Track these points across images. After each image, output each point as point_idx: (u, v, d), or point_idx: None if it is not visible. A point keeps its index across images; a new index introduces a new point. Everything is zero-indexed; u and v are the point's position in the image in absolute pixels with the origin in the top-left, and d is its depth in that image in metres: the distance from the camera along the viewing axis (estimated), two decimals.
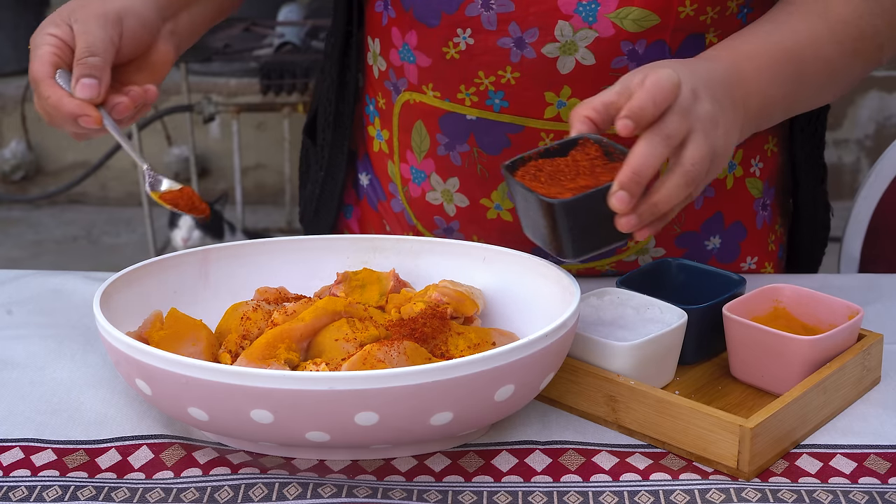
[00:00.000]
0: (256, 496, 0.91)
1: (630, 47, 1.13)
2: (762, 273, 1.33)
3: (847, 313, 1.04)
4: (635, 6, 1.11)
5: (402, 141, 1.28)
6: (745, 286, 1.10)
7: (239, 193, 3.84)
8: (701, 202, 1.25)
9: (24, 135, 4.56)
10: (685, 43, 1.14)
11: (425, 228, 1.31)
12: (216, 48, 3.58)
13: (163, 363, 0.90)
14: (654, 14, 1.11)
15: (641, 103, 0.92)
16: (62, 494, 0.92)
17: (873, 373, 1.06)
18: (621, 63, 1.13)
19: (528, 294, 1.08)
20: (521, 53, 1.14)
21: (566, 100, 1.16)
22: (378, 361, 0.93)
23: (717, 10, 1.13)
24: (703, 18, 1.13)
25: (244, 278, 1.13)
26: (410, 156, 1.27)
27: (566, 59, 1.14)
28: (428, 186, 1.27)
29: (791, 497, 0.90)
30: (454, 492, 0.92)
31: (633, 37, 1.12)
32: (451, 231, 1.29)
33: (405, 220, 1.32)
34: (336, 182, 1.38)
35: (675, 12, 1.11)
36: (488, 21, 1.14)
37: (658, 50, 1.13)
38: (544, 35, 1.13)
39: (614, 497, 0.91)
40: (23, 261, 4.03)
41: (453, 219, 1.28)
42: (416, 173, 1.28)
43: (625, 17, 1.11)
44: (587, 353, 1.01)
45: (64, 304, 1.24)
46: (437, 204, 1.28)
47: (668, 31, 1.13)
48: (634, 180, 0.90)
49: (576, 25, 1.12)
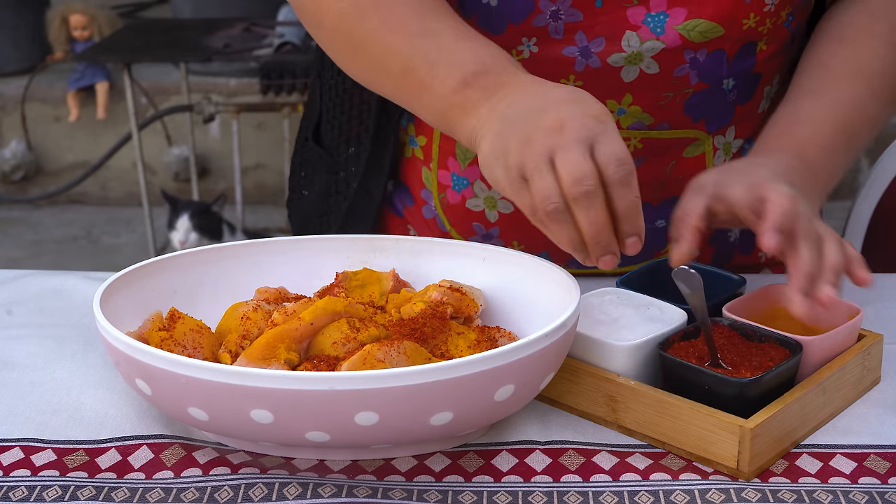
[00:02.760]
0: (256, 496, 0.91)
1: (692, 55, 1.14)
2: (776, 262, 1.34)
3: (847, 313, 1.04)
4: (703, 18, 1.12)
5: (443, 148, 1.26)
6: (745, 286, 1.10)
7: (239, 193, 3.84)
8: None
9: (24, 135, 4.56)
10: (741, 51, 1.16)
11: (460, 235, 1.30)
12: (216, 48, 3.58)
13: (163, 363, 0.90)
14: (720, 26, 1.13)
15: (783, 218, 0.97)
16: (62, 494, 0.92)
17: (873, 373, 1.06)
18: (683, 71, 1.15)
19: (528, 294, 1.08)
20: (585, 63, 1.14)
21: (627, 107, 1.17)
22: (378, 361, 0.93)
23: (773, 20, 1.15)
24: (762, 29, 1.15)
25: (244, 278, 1.13)
26: (453, 163, 1.26)
27: (630, 68, 1.14)
28: (470, 193, 1.27)
29: (791, 497, 0.90)
30: (454, 492, 0.92)
31: (695, 46, 1.14)
32: (489, 237, 1.28)
33: (437, 226, 1.31)
34: (372, 197, 1.34)
35: (739, 24, 1.13)
36: (555, 30, 1.14)
37: (717, 58, 1.15)
38: (611, 45, 1.13)
39: (614, 497, 0.91)
40: (23, 261, 4.03)
41: (494, 225, 1.27)
42: (458, 180, 1.27)
43: (692, 28, 1.12)
44: (587, 353, 1.01)
45: (64, 304, 1.24)
46: (478, 211, 1.27)
47: (729, 41, 1.14)
48: (812, 282, 0.96)
49: (643, 36, 1.13)
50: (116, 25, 4.30)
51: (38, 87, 4.51)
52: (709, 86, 1.17)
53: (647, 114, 1.17)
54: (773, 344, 1.00)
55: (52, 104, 4.55)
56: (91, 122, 4.47)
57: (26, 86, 4.46)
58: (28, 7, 4.67)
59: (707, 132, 1.21)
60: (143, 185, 3.69)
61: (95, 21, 4.26)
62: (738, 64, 1.17)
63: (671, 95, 1.16)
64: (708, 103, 1.18)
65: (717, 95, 1.18)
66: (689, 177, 1.22)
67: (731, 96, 1.19)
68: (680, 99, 1.17)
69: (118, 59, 3.68)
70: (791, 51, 1.23)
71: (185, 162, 4.41)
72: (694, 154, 1.22)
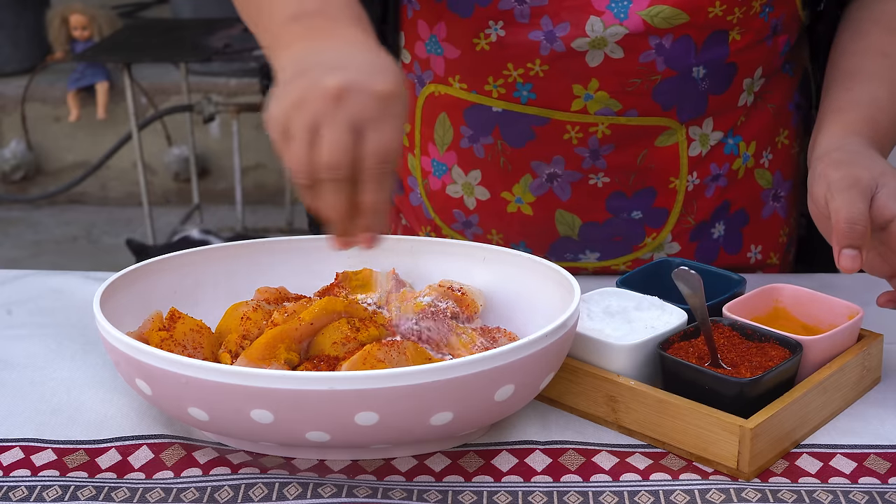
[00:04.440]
0: (256, 496, 0.91)
1: (658, 41, 1.15)
2: (768, 264, 1.34)
3: (847, 313, 1.04)
4: (667, 5, 1.12)
5: (424, 134, 1.28)
6: (745, 286, 1.10)
7: (239, 193, 3.84)
8: (712, 191, 1.27)
9: (24, 135, 4.56)
10: (710, 39, 1.16)
11: (444, 223, 1.31)
12: (216, 48, 3.58)
13: (163, 363, 0.90)
14: (684, 13, 1.13)
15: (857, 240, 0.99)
16: (62, 494, 0.92)
17: (873, 373, 1.06)
18: (649, 57, 1.15)
19: (528, 294, 1.08)
20: (550, 47, 1.15)
21: (594, 92, 1.17)
22: (378, 361, 0.93)
23: (744, 9, 1.15)
24: (731, 18, 1.15)
25: (244, 278, 1.13)
26: (432, 148, 1.28)
27: (595, 52, 1.15)
28: (449, 179, 1.28)
29: (791, 497, 0.90)
30: (454, 492, 0.92)
31: (660, 32, 1.14)
32: (469, 225, 1.29)
33: (423, 213, 1.33)
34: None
35: (705, 12, 1.13)
36: (521, 14, 1.15)
37: (684, 45, 1.15)
38: (575, 29, 1.14)
39: (614, 497, 0.91)
40: (23, 261, 4.03)
41: (473, 212, 1.28)
42: (438, 166, 1.28)
43: (655, 14, 1.13)
44: (587, 353, 1.01)
45: (64, 304, 1.24)
46: (457, 197, 1.28)
47: (695, 28, 1.15)
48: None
49: (607, 21, 1.13)
50: (116, 25, 4.30)
51: (38, 87, 4.51)
52: (677, 73, 1.17)
53: (614, 100, 1.18)
54: (773, 344, 1.00)
55: (52, 104, 4.55)
56: (91, 122, 4.47)
57: (26, 86, 4.46)
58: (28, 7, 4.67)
59: (679, 121, 1.21)
60: (143, 185, 3.70)
61: (95, 21, 4.27)
62: (708, 52, 1.17)
63: (638, 82, 1.17)
64: (678, 91, 1.18)
65: (687, 84, 1.18)
66: (662, 167, 1.22)
67: (703, 85, 1.19)
68: (648, 85, 1.17)
69: (118, 59, 3.69)
70: (777, 45, 1.22)
71: (185, 162, 4.41)
72: (667, 143, 1.22)
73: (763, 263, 1.34)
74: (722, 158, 1.25)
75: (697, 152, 1.23)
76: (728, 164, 1.26)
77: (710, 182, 1.26)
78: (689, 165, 1.23)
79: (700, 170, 1.25)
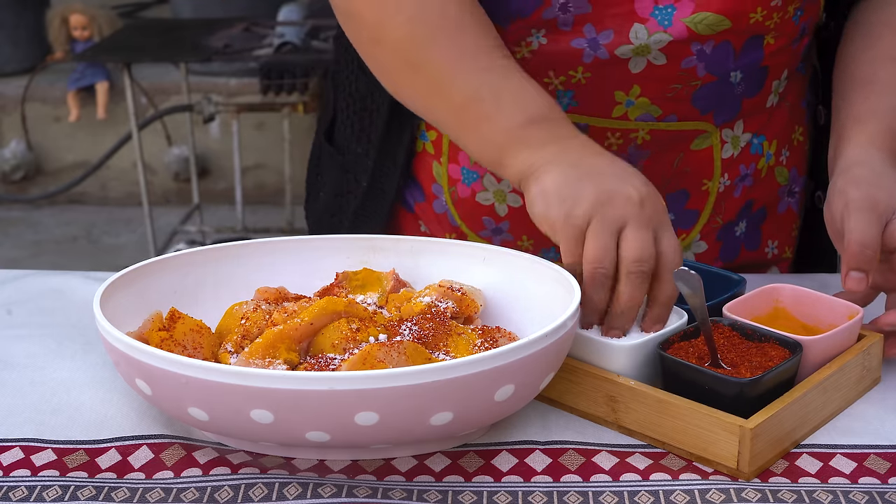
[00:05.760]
0: (256, 496, 0.91)
1: (699, 48, 1.15)
2: (783, 258, 1.35)
3: (847, 313, 1.04)
4: (711, 11, 1.13)
5: (453, 142, 1.27)
6: (745, 286, 1.10)
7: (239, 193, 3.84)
8: (740, 191, 1.28)
9: (24, 135, 4.56)
10: (747, 44, 1.17)
11: (470, 230, 1.31)
12: (216, 48, 3.58)
13: (163, 363, 0.90)
14: (728, 19, 1.14)
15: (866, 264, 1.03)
16: (62, 494, 0.92)
17: (873, 373, 1.06)
18: (690, 63, 1.16)
19: (528, 294, 1.08)
20: (594, 54, 1.16)
21: (635, 99, 1.18)
22: (378, 361, 0.93)
23: (780, 14, 1.16)
24: (769, 23, 1.16)
25: (244, 278, 1.13)
26: (463, 156, 1.27)
27: (638, 59, 1.15)
28: (479, 187, 1.27)
29: (791, 497, 0.90)
30: (454, 492, 0.92)
31: (702, 38, 1.15)
32: (499, 232, 1.29)
33: (448, 221, 1.32)
34: (385, 194, 1.33)
35: (747, 18, 1.14)
36: (564, 22, 1.15)
37: (724, 51, 1.16)
38: (619, 37, 1.14)
39: (614, 497, 0.91)
40: (23, 261, 4.03)
41: (503, 219, 1.28)
42: (468, 174, 1.27)
43: (699, 21, 1.13)
44: (587, 353, 1.01)
45: (64, 304, 1.24)
46: (487, 205, 1.28)
47: (735, 33, 1.15)
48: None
49: (651, 28, 1.14)
50: (116, 25, 4.30)
51: (38, 87, 4.51)
52: (717, 78, 1.18)
53: (655, 105, 1.18)
54: (773, 344, 1.00)
55: (52, 104, 4.55)
56: (91, 122, 4.47)
57: (26, 86, 4.46)
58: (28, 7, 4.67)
59: (715, 125, 1.22)
60: (143, 185, 3.69)
61: (95, 21, 4.27)
62: (745, 57, 1.18)
63: (679, 87, 1.17)
64: (716, 96, 1.19)
65: (725, 88, 1.19)
66: (696, 170, 1.23)
67: (739, 89, 1.20)
68: (688, 91, 1.18)
69: (118, 59, 3.69)
70: (801, 47, 1.24)
71: (185, 162, 4.41)
72: (702, 147, 1.23)
73: (779, 258, 1.35)
74: (749, 158, 1.27)
75: (730, 154, 1.25)
76: (754, 163, 1.27)
77: (739, 182, 1.28)
78: (721, 167, 1.25)
79: (731, 171, 1.26)
